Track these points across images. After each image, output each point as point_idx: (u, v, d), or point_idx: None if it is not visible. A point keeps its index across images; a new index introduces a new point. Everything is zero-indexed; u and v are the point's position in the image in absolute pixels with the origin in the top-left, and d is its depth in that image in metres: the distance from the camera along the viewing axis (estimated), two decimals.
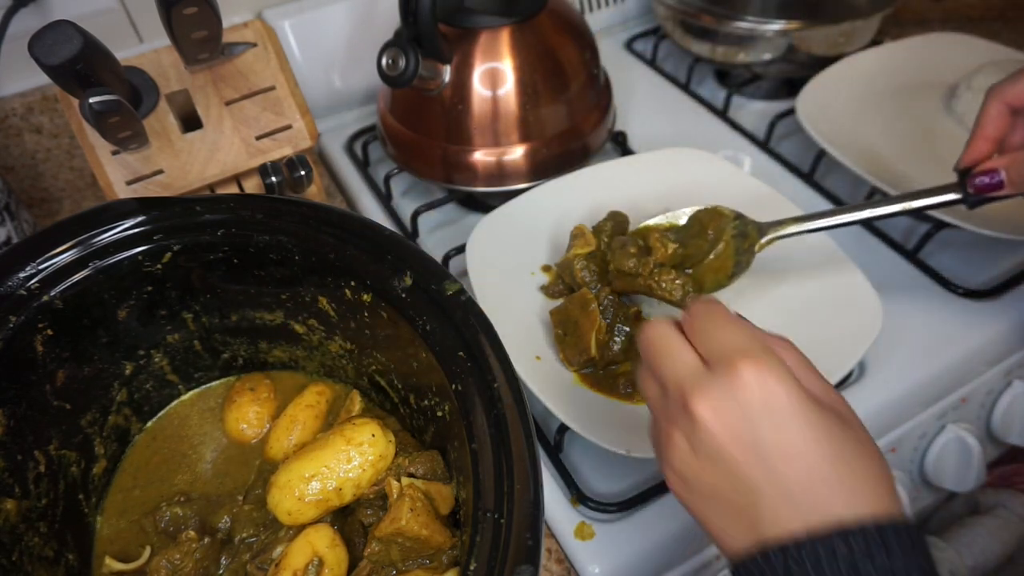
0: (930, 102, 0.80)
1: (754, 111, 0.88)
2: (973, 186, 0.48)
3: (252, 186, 0.62)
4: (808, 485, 0.32)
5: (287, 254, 0.47)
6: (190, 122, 0.59)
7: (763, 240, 0.57)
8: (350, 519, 0.47)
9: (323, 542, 0.44)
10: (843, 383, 0.60)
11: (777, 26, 0.80)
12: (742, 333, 0.36)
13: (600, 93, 0.74)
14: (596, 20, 0.99)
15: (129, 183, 0.57)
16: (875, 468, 0.34)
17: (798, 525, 0.32)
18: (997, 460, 0.73)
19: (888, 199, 0.54)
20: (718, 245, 0.56)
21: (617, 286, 0.58)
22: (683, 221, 0.60)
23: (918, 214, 0.71)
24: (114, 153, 0.56)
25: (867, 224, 0.70)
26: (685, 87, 0.90)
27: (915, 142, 0.76)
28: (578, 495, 0.53)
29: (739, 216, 0.57)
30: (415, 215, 0.73)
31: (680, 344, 0.37)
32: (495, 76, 0.66)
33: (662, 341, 0.37)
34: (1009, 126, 0.48)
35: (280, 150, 0.61)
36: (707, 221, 0.57)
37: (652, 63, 0.95)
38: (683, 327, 0.38)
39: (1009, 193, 0.47)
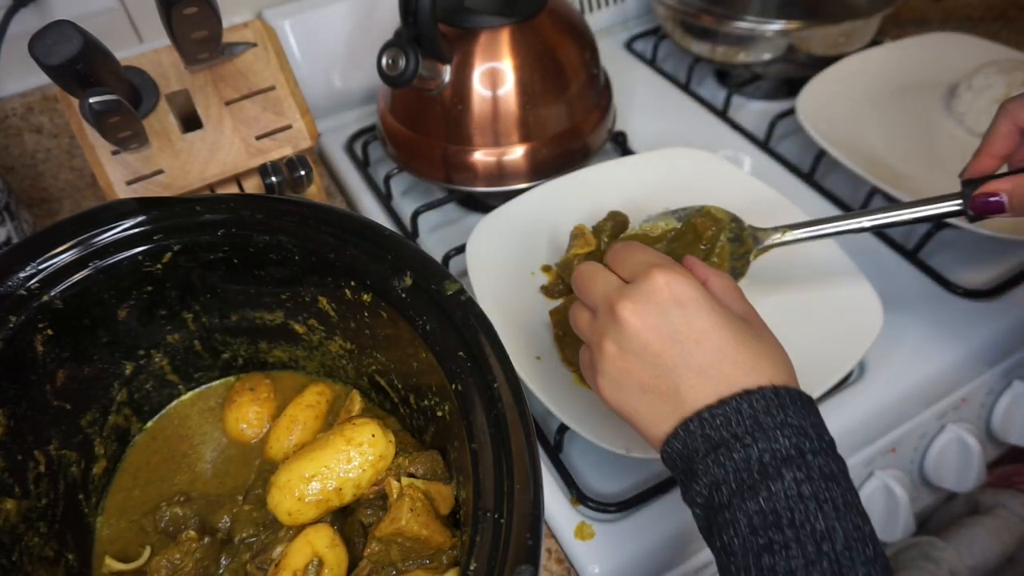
0: (930, 102, 0.80)
1: (754, 111, 0.88)
2: (974, 206, 0.47)
3: (252, 186, 0.62)
4: (717, 361, 0.39)
5: (287, 254, 0.47)
6: (190, 122, 0.59)
7: (758, 248, 0.56)
8: (350, 519, 0.47)
9: (323, 542, 0.44)
10: (843, 383, 0.60)
11: (777, 26, 0.80)
12: (654, 253, 0.44)
13: (600, 93, 0.74)
14: (596, 20, 0.99)
15: (129, 183, 0.57)
16: (775, 354, 0.41)
17: (712, 397, 0.38)
18: (997, 460, 0.73)
19: (889, 207, 0.53)
20: (711, 257, 0.56)
21: None
22: (679, 219, 0.59)
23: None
24: (114, 153, 0.56)
25: None
26: (685, 87, 0.90)
27: (915, 142, 0.76)
28: (578, 495, 0.53)
29: (735, 219, 0.57)
30: (415, 215, 0.73)
31: (604, 271, 0.45)
32: (495, 76, 0.66)
33: (590, 270, 0.45)
34: (1017, 145, 0.48)
35: (280, 150, 0.61)
36: (702, 229, 0.57)
37: (652, 63, 0.95)
38: (606, 262, 0.46)
39: (1010, 216, 0.47)
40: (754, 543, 0.35)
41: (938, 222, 0.63)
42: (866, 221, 0.53)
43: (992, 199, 0.46)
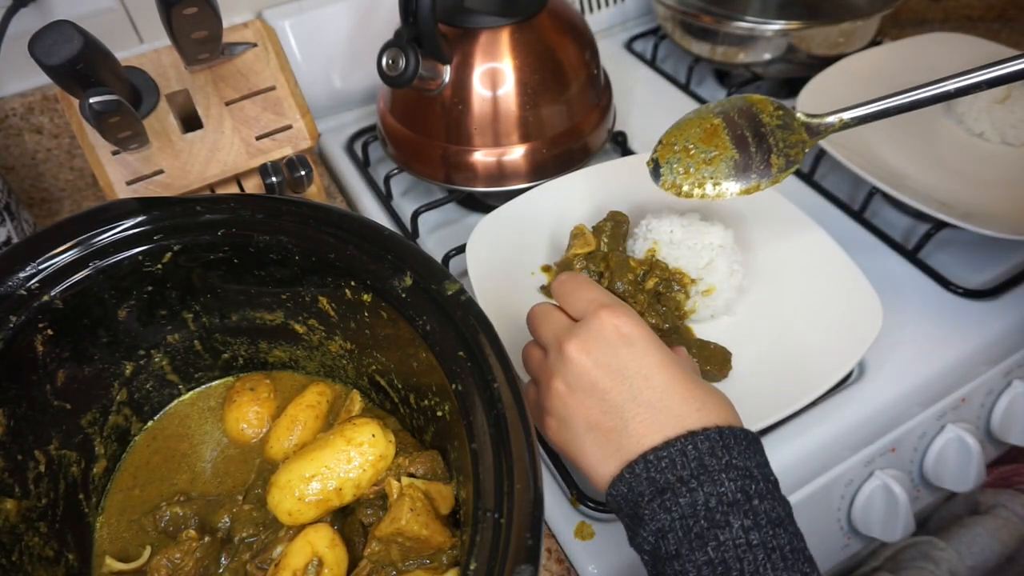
0: None
1: None
2: None
3: (252, 186, 0.62)
4: (666, 396, 0.39)
5: (287, 254, 0.47)
6: (190, 122, 0.59)
7: (814, 137, 0.51)
8: (350, 519, 0.47)
9: (323, 542, 0.44)
10: (843, 383, 0.60)
11: (777, 26, 0.80)
12: (598, 291, 0.45)
13: (600, 93, 0.74)
14: (596, 20, 0.99)
15: (129, 183, 0.57)
16: (718, 395, 0.41)
17: (658, 436, 0.38)
18: (997, 460, 0.73)
19: (959, 74, 0.47)
20: (767, 140, 0.51)
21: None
22: (716, 114, 0.54)
23: (921, 216, 0.70)
24: (114, 153, 0.56)
25: (867, 224, 0.71)
26: (685, 87, 0.90)
27: (915, 142, 0.76)
28: (578, 495, 0.53)
29: (781, 106, 0.52)
30: (415, 215, 0.73)
31: (554, 311, 0.46)
32: (495, 76, 0.66)
33: (542, 311, 0.47)
34: None
35: (280, 150, 0.61)
36: (746, 117, 0.52)
37: (652, 63, 0.95)
38: (553, 294, 0.47)
39: None
40: None
41: (938, 222, 0.63)
42: (934, 89, 0.48)
43: None
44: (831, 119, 0.50)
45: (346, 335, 0.51)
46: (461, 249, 0.67)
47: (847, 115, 0.50)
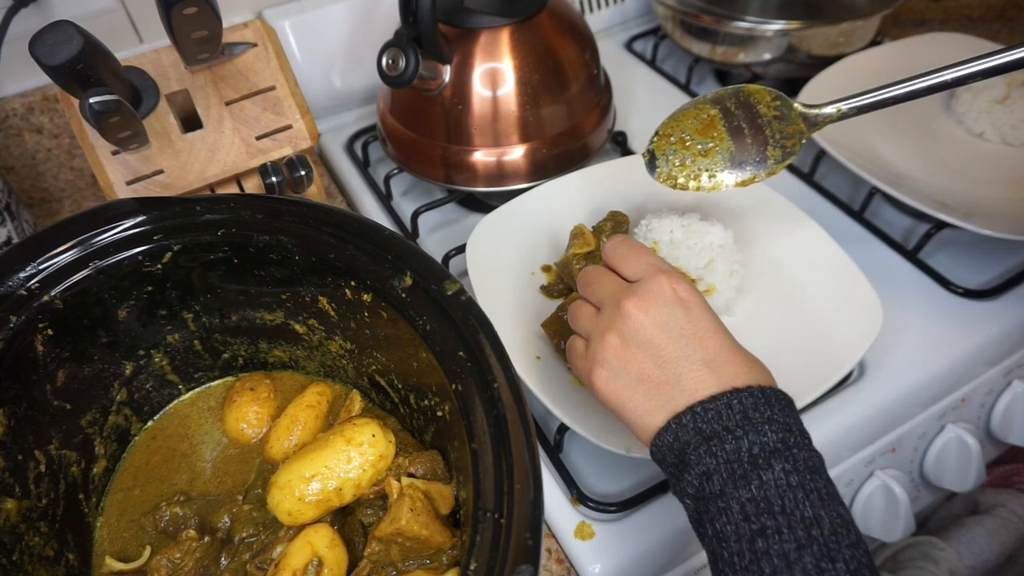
0: (930, 102, 0.80)
1: None
2: None
3: (252, 186, 0.62)
4: (719, 357, 0.41)
5: (287, 254, 0.47)
6: (190, 122, 0.59)
7: (811, 128, 0.51)
8: (350, 519, 0.47)
9: (323, 542, 0.44)
10: (843, 383, 0.60)
11: (777, 26, 0.80)
12: (656, 256, 0.47)
13: (600, 93, 0.74)
14: (596, 20, 0.99)
15: (129, 183, 0.57)
16: (759, 363, 0.43)
17: (707, 392, 0.40)
18: (997, 460, 0.73)
19: (962, 63, 0.47)
20: (764, 131, 0.51)
21: None
22: (714, 103, 0.53)
23: (921, 216, 0.70)
24: (114, 153, 0.56)
25: (867, 224, 0.71)
26: (685, 87, 0.90)
27: (915, 142, 0.76)
28: (578, 495, 0.53)
29: (779, 96, 0.52)
30: (415, 215, 0.73)
31: (610, 273, 0.48)
32: (495, 76, 0.66)
33: (596, 271, 0.48)
34: None
35: (280, 150, 0.61)
36: (746, 107, 0.51)
37: (652, 63, 0.95)
38: (606, 261, 0.49)
39: None
40: (747, 529, 0.36)
41: (938, 222, 0.63)
42: (931, 80, 0.48)
43: None
44: (829, 109, 0.51)
45: (346, 335, 0.51)
46: (461, 249, 0.67)
47: (845, 105, 0.50)
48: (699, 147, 0.53)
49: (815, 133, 0.71)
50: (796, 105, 0.51)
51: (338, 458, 0.45)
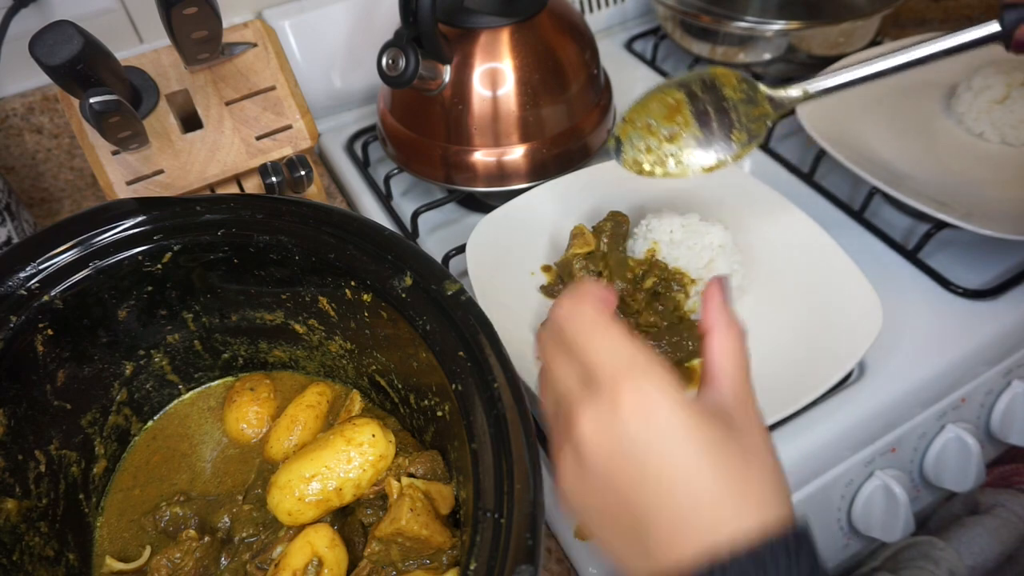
0: (930, 102, 0.80)
1: None
2: (1018, 43, 0.44)
3: (252, 186, 0.62)
4: (696, 508, 0.32)
5: (287, 254, 0.47)
6: (190, 122, 0.59)
7: (779, 111, 0.51)
8: (350, 519, 0.47)
9: (323, 542, 0.44)
10: (843, 383, 0.60)
11: (777, 26, 0.80)
12: (625, 344, 0.34)
13: (600, 93, 0.74)
14: (596, 20, 0.99)
15: (129, 183, 0.57)
16: (763, 475, 0.33)
17: (689, 550, 0.31)
18: (996, 460, 0.73)
19: (919, 41, 0.47)
20: (728, 115, 0.51)
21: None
22: (679, 86, 0.53)
23: (921, 216, 0.70)
24: (114, 153, 0.57)
25: (867, 224, 0.71)
26: None
27: (915, 142, 0.76)
28: None
29: (746, 79, 0.52)
30: (415, 215, 0.73)
31: (563, 355, 0.36)
32: (495, 76, 0.66)
33: (550, 352, 0.37)
34: None
35: (280, 150, 0.61)
36: (705, 91, 0.51)
37: (652, 63, 0.95)
38: (553, 334, 0.37)
39: None
40: None
41: (938, 222, 0.63)
42: (897, 58, 0.48)
43: (1019, 13, 0.43)
44: (794, 92, 0.50)
45: (346, 335, 0.51)
46: (461, 249, 0.67)
47: (811, 86, 0.50)
48: (665, 132, 0.52)
49: (816, 134, 0.71)
50: (762, 88, 0.51)
51: (338, 458, 0.45)
